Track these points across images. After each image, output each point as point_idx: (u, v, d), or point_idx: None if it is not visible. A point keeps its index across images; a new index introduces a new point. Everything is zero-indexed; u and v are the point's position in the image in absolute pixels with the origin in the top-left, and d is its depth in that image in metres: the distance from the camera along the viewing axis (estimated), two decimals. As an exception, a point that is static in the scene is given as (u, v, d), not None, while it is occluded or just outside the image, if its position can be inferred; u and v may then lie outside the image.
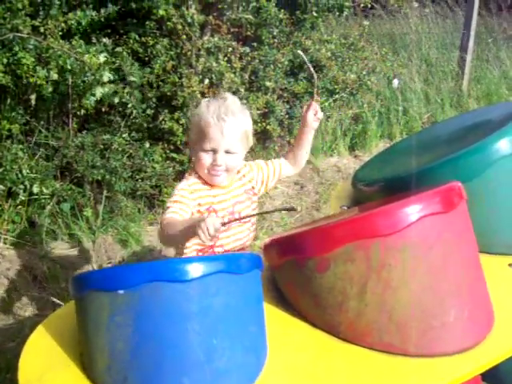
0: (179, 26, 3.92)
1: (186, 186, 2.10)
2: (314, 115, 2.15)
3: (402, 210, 1.54)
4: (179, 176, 4.23)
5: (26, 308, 3.13)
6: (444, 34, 7.28)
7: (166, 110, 4.05)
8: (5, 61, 3.38)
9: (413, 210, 1.54)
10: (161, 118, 4.02)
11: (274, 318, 1.66)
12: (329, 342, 1.59)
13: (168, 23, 3.93)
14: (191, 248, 2.10)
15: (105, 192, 3.89)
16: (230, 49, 4.17)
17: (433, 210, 1.57)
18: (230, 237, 2.10)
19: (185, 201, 2.03)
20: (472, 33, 6.39)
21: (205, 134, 2.03)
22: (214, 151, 2.04)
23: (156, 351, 1.34)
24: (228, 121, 2.03)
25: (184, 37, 3.99)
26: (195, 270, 1.33)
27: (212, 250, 2.09)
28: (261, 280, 1.57)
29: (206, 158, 2.05)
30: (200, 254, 2.11)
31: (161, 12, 3.85)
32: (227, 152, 2.05)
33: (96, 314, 1.41)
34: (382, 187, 2.20)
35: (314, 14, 4.66)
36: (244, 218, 2.08)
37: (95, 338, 1.42)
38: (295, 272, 1.67)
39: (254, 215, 2.17)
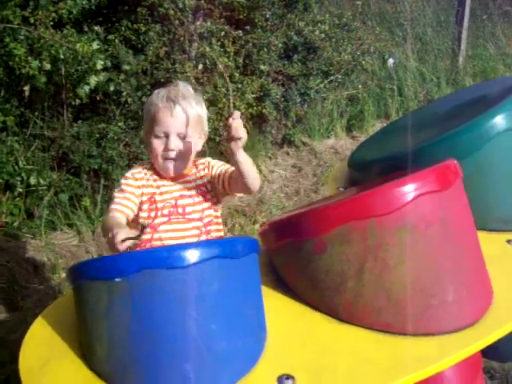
0: (171, 12, 3.90)
1: (129, 174, 2.05)
2: (229, 136, 1.82)
3: (398, 189, 1.54)
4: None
5: (27, 299, 3.14)
6: (439, 12, 7.23)
7: (161, 97, 4.03)
8: (-4, 53, 3.37)
9: (408, 189, 1.53)
10: (156, 105, 3.99)
11: (272, 301, 1.66)
12: (328, 324, 1.59)
13: (160, 9, 3.91)
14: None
15: (102, 181, 3.88)
16: (223, 33, 4.15)
17: (429, 188, 1.56)
18: (168, 232, 1.99)
19: (129, 189, 1.99)
20: (467, 9, 6.35)
21: (155, 119, 1.97)
22: (166, 135, 1.97)
23: (155, 338, 1.34)
24: (178, 103, 1.96)
25: (176, 22, 3.96)
26: (191, 255, 1.33)
27: (150, 244, 1.99)
28: (258, 264, 1.56)
29: (158, 144, 1.98)
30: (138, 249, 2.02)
31: (152, -3, 3.83)
32: (179, 136, 1.98)
33: (94, 303, 1.41)
34: (378, 167, 2.20)
35: (307, -5, 4.64)
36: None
37: (94, 327, 1.42)
38: (292, 254, 1.67)
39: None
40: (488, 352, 1.84)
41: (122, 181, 2.04)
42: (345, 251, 1.54)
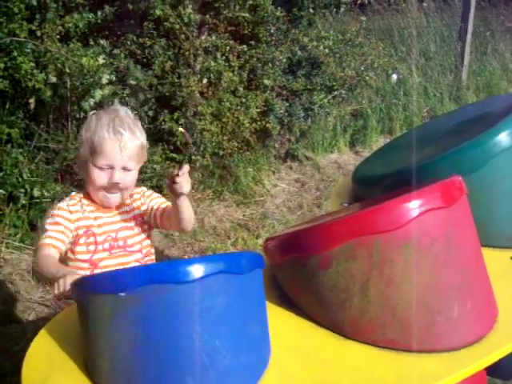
0: (176, 26, 3.92)
1: (65, 205, 1.94)
2: (173, 183, 1.77)
3: (403, 206, 1.54)
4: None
5: (29, 312, 3.13)
6: (442, 28, 7.26)
7: (166, 111, 4.05)
8: (2, 65, 3.38)
9: (413, 206, 1.54)
10: (160, 119, 4.01)
11: (277, 316, 1.66)
12: (332, 340, 1.59)
13: (165, 23, 3.93)
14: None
15: (106, 194, 3.88)
16: (228, 47, 4.17)
17: (433, 204, 1.57)
18: (109, 267, 1.92)
19: (64, 222, 1.89)
20: (470, 25, 6.38)
21: (100, 150, 1.87)
22: (111, 168, 1.89)
23: (159, 353, 1.33)
24: (125, 135, 1.88)
25: (182, 37, 3.98)
26: (196, 270, 1.32)
27: None
28: (262, 279, 1.56)
29: (101, 177, 1.89)
30: None
31: (157, 12, 3.85)
32: (124, 169, 1.90)
33: (98, 317, 1.40)
34: (382, 183, 2.20)
35: (311, 11, 4.66)
36: None
37: (98, 341, 1.42)
38: (297, 270, 1.66)
39: None
40: (491, 369, 1.83)
41: (56, 212, 1.93)
42: (350, 267, 1.54)
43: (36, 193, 3.65)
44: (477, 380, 1.83)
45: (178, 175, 1.74)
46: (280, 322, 1.65)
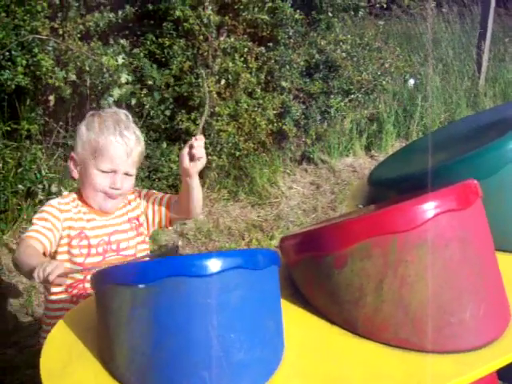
0: (196, 27, 3.96)
1: (56, 203, 1.90)
2: (189, 156, 1.80)
3: (419, 207, 1.55)
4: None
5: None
6: (461, 34, 7.24)
7: (183, 111, 4.09)
8: (24, 62, 3.43)
9: (429, 207, 1.55)
10: (178, 119, 4.05)
11: (291, 314, 1.67)
12: (345, 338, 1.60)
13: (185, 24, 3.97)
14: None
15: (122, 192, 3.92)
16: (246, 49, 4.20)
17: (449, 207, 1.58)
18: None
19: (51, 219, 1.84)
20: (488, 32, 6.37)
21: (104, 153, 1.84)
22: (114, 171, 1.87)
23: (175, 345, 1.36)
24: (132, 139, 1.87)
25: (200, 37, 4.02)
26: (214, 265, 1.35)
27: (83, 285, 1.90)
28: (278, 276, 1.58)
29: (102, 180, 1.86)
30: (69, 289, 1.91)
31: (177, 13, 3.90)
32: (126, 174, 1.89)
33: (117, 309, 1.43)
34: (398, 186, 2.21)
35: (330, 15, 4.69)
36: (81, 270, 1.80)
37: (116, 333, 1.44)
38: (312, 268, 1.68)
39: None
40: (503, 374, 1.84)
41: (46, 208, 1.89)
42: (365, 266, 1.55)
43: (54, 189, 3.70)
44: (488, 382, 1.84)
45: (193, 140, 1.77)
46: (294, 319, 1.66)
